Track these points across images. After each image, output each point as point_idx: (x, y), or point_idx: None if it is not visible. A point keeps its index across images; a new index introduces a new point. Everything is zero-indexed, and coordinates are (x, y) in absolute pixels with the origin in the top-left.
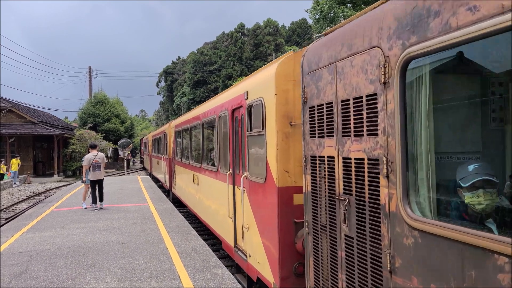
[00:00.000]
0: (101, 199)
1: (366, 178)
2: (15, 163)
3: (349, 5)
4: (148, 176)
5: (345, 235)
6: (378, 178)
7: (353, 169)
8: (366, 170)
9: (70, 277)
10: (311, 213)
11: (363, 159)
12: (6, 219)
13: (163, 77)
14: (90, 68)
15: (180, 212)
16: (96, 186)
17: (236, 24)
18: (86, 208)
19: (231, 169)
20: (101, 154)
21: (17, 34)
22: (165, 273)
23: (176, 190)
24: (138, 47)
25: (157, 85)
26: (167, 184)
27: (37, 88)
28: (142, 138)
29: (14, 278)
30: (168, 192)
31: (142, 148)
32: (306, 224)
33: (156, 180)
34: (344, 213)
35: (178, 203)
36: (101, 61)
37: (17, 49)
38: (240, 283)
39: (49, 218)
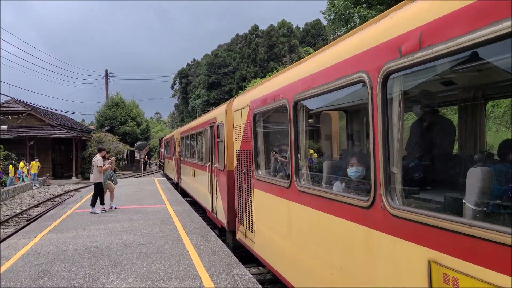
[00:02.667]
0: (101, 203)
1: None
2: (34, 165)
3: (364, 5)
4: (164, 178)
5: None
6: None
7: None
8: None
9: (94, 276)
10: None
11: None
12: (27, 220)
13: (178, 80)
14: (106, 71)
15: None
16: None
17: (248, 25)
18: (105, 210)
19: None
20: (96, 158)
21: (33, 37)
22: (186, 274)
23: (269, 256)
24: (152, 49)
25: (172, 87)
26: (223, 219)
27: (52, 91)
28: (162, 138)
29: (40, 278)
30: (221, 232)
31: (161, 150)
32: None
33: (184, 193)
34: None
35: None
36: (115, 64)
37: (32, 52)
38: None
39: (70, 219)
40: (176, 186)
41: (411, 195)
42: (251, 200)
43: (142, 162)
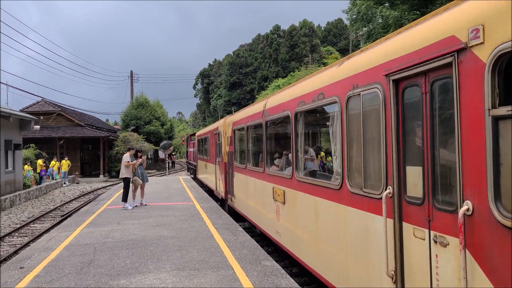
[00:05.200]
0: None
1: None
2: (65, 164)
3: (386, 4)
4: (189, 176)
5: None
6: None
7: None
8: None
9: (134, 265)
10: None
11: None
12: (62, 216)
13: (200, 80)
14: (131, 72)
15: None
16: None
17: (269, 22)
18: (136, 205)
19: None
20: (124, 155)
21: (57, 38)
22: (218, 264)
23: None
24: (174, 50)
25: (194, 87)
26: None
27: (76, 92)
28: (192, 134)
29: (85, 266)
30: None
31: (191, 149)
32: None
33: (234, 214)
34: None
35: None
36: (138, 66)
37: (59, 53)
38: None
39: (104, 214)
40: (221, 202)
41: None
42: None
43: (167, 161)
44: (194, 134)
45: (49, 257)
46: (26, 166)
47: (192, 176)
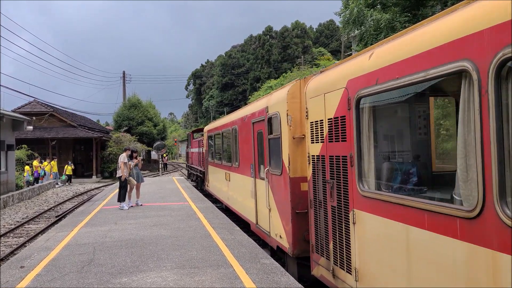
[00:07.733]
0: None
1: None
2: (54, 165)
3: (378, 6)
4: (182, 177)
5: None
6: None
7: None
8: None
9: (135, 264)
10: None
11: None
12: (57, 216)
13: (192, 80)
14: (124, 73)
15: None
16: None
17: (262, 22)
18: (132, 206)
19: None
20: (121, 155)
21: (49, 37)
22: (218, 262)
23: None
24: (167, 50)
25: (186, 88)
26: None
27: (68, 92)
28: (193, 131)
29: (86, 265)
30: None
31: (193, 150)
32: None
33: None
34: None
35: None
36: (130, 66)
37: (51, 52)
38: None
39: (100, 215)
40: (273, 252)
41: None
42: None
43: (161, 163)
44: (199, 130)
45: (48, 257)
46: (27, 167)
47: (194, 184)
